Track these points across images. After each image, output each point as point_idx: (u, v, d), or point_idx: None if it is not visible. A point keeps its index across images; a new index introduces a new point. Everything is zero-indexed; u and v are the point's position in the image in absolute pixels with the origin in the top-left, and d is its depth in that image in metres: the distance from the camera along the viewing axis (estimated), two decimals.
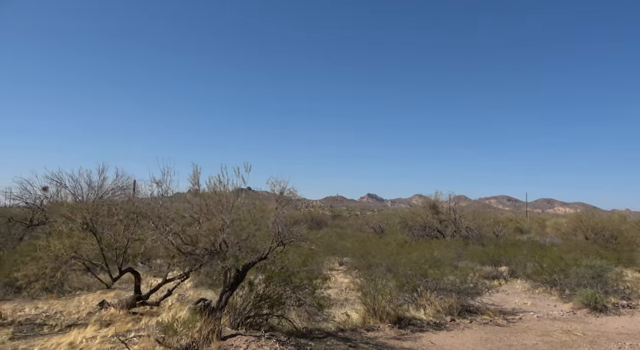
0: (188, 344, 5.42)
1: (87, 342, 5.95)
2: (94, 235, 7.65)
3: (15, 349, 5.92)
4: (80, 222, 7.70)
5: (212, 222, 4.77)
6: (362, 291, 7.83)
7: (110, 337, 6.12)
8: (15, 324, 7.51)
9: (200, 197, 5.31)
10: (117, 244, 7.75)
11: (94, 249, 7.63)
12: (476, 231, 22.66)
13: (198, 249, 5.05)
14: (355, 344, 6.48)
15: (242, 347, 5.50)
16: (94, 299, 10.30)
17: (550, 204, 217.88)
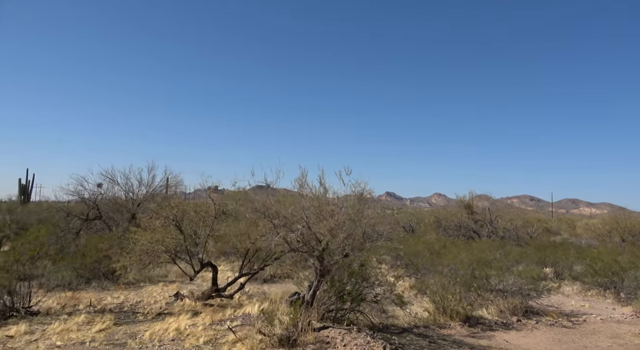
0: (285, 334, 5.78)
1: (191, 329, 6.44)
2: (180, 231, 8.17)
3: (126, 333, 6.47)
4: (171, 219, 8.22)
5: (329, 222, 5.09)
6: (430, 290, 8.03)
7: (209, 325, 6.58)
8: (107, 311, 8.12)
9: (306, 199, 5.64)
10: (198, 239, 8.25)
11: (178, 243, 8.15)
12: (513, 232, 22.34)
13: (307, 246, 5.39)
14: (433, 340, 6.70)
15: (338, 339, 5.82)
16: (163, 291, 10.93)
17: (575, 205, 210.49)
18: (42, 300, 8.41)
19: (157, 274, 14.03)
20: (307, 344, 5.74)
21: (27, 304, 7.84)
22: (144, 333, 6.45)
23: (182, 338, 6.17)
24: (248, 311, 7.47)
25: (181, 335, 6.27)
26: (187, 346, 5.77)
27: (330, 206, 5.32)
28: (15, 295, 7.65)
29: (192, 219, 8.27)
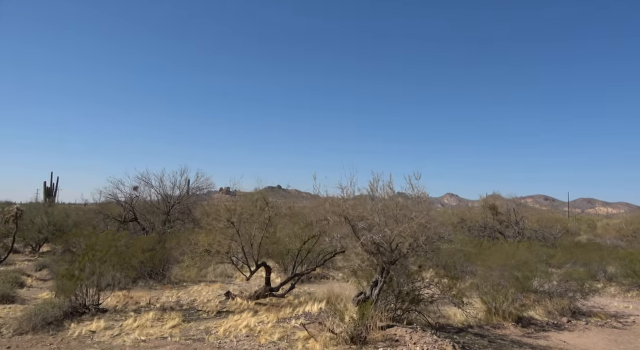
0: (355, 332, 6.04)
1: (261, 326, 6.77)
2: (237, 233, 8.53)
3: (198, 329, 6.84)
4: (227, 221, 8.59)
5: (409, 225, 5.34)
6: (481, 290, 8.19)
7: (276, 323, 6.90)
8: (168, 309, 8.52)
9: (378, 202, 5.90)
10: (252, 240, 8.59)
11: (235, 245, 8.51)
12: (540, 233, 22.18)
13: (380, 248, 5.65)
14: (492, 340, 6.87)
15: (407, 337, 6.06)
16: (210, 291, 11.32)
17: (590, 204, 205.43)
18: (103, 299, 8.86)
19: (199, 274, 14.51)
20: (376, 342, 5.99)
21: (97, 302, 8.30)
22: (217, 329, 6.80)
23: (255, 334, 6.50)
24: (308, 310, 7.77)
25: (253, 332, 6.60)
26: (263, 342, 6.08)
27: (405, 210, 5.55)
28: (86, 294, 8.11)
29: (247, 221, 8.60)
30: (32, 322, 6.80)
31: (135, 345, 6.08)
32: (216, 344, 6.07)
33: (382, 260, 5.99)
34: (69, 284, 7.96)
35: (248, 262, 8.83)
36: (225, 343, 6.13)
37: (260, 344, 6.02)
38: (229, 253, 8.45)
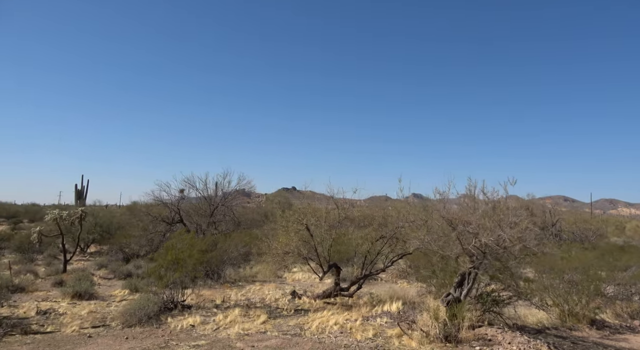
0: (448, 331, 6.31)
1: (351, 323, 7.12)
2: (311, 235, 8.93)
3: (289, 325, 7.24)
4: (303, 224, 8.99)
5: (513, 231, 5.61)
6: (554, 293, 8.32)
7: (363, 320, 7.24)
8: (243, 306, 8.97)
9: (480, 205, 6.19)
10: (323, 242, 8.98)
11: (310, 246, 8.91)
12: (578, 235, 21.88)
13: (479, 251, 5.92)
14: (575, 342, 7.03)
15: (499, 337, 6.30)
16: (272, 290, 11.77)
17: (612, 205, 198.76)
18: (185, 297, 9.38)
19: (248, 274, 15.01)
20: (470, 341, 6.25)
21: (182, 299, 8.83)
22: (308, 325, 7.19)
23: (347, 331, 6.85)
24: (386, 309, 8.09)
25: (344, 329, 6.96)
26: (360, 338, 6.43)
27: (510, 216, 5.81)
28: (173, 293, 8.65)
29: (317, 224, 8.98)
30: (137, 316, 7.34)
31: (240, 338, 6.52)
32: (315, 339, 6.45)
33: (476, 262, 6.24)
34: (159, 283, 8.52)
35: (321, 263, 9.21)
36: (323, 338, 6.50)
37: (358, 340, 6.36)
38: (302, 254, 8.84)
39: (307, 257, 9.08)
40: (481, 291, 7.30)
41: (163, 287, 8.51)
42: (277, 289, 11.95)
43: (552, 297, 8.31)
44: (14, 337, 6.62)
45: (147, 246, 17.70)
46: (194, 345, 6.18)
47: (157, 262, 9.04)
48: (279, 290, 11.66)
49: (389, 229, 9.03)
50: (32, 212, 48.80)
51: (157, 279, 8.64)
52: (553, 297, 8.34)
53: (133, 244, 17.68)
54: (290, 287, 12.66)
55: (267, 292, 11.39)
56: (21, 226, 35.07)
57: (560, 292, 8.23)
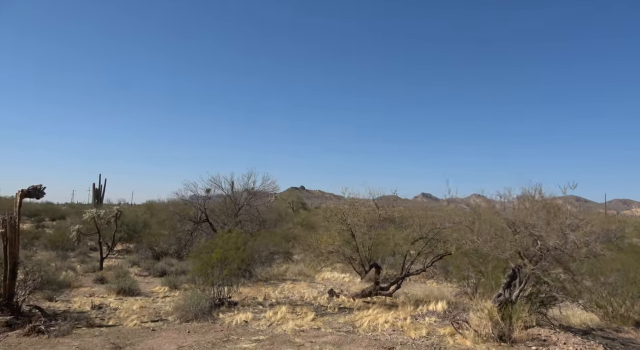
0: (501, 331, 6.43)
1: (401, 322, 7.30)
2: (352, 236, 9.13)
3: (339, 322, 7.44)
4: (346, 224, 9.20)
5: (584, 231, 5.72)
6: (597, 294, 8.36)
7: (412, 318, 7.40)
8: (288, 304, 9.20)
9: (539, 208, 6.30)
10: (364, 242, 9.17)
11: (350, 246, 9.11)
12: (602, 235, 21.59)
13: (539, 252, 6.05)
14: (624, 343, 7.08)
15: (553, 337, 6.41)
16: (303, 288, 11.98)
17: (626, 205, 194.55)
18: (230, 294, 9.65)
19: (276, 273, 15.28)
20: (524, 341, 6.36)
21: (229, 296, 9.11)
22: (359, 323, 7.39)
23: (399, 329, 7.03)
24: (432, 308, 8.24)
25: (395, 327, 7.14)
26: (414, 336, 6.60)
27: (571, 218, 5.92)
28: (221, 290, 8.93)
29: (359, 224, 9.17)
30: (193, 312, 7.62)
31: (296, 334, 6.74)
32: (370, 336, 6.64)
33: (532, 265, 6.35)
34: (207, 281, 8.81)
35: (362, 263, 9.40)
36: (378, 336, 6.69)
37: (412, 338, 6.53)
38: (346, 254, 9.05)
39: (349, 257, 9.28)
40: (529, 292, 7.39)
41: (211, 284, 8.79)
42: (311, 288, 12.16)
43: (596, 299, 8.35)
44: (81, 329, 6.96)
45: (175, 245, 18.11)
46: (255, 339, 6.42)
47: (201, 260, 9.31)
48: (313, 289, 11.87)
49: (426, 229, 9.17)
50: (51, 210, 50.09)
51: (205, 276, 8.93)
52: (597, 298, 8.37)
53: (162, 242, 18.12)
54: (321, 286, 12.88)
55: (301, 290, 11.61)
56: (43, 224, 36.14)
57: (604, 294, 8.27)
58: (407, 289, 11.91)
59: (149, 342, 6.27)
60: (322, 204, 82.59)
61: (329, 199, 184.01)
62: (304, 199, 67.75)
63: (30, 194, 7.29)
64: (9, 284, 6.95)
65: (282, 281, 13.86)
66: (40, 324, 6.62)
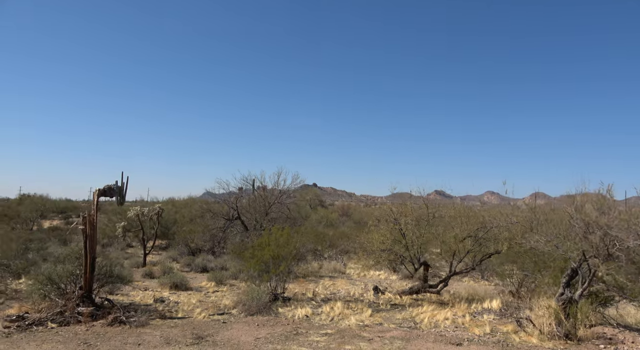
0: (566, 329, 6.52)
1: (462, 319, 7.46)
2: (403, 235, 9.32)
3: (397, 318, 7.65)
4: (398, 223, 9.41)
5: None
6: None
7: (471, 316, 7.56)
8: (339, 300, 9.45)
9: None
10: (414, 241, 9.34)
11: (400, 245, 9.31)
12: None
13: None
14: None
15: (619, 336, 6.47)
16: (344, 284, 12.23)
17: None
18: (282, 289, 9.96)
19: (313, 270, 15.57)
20: (590, 339, 6.44)
21: (282, 291, 9.42)
22: (420, 319, 7.59)
23: (461, 326, 7.19)
24: (486, 306, 8.37)
25: (456, 324, 7.30)
26: (478, 333, 6.75)
27: None
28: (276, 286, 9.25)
29: (410, 224, 9.35)
30: (255, 306, 7.96)
31: (361, 329, 6.98)
32: (434, 332, 6.82)
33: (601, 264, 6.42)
34: (264, 277, 9.14)
35: (412, 260, 9.58)
36: (442, 332, 6.87)
37: (477, 334, 6.69)
38: (399, 252, 9.24)
39: (401, 255, 9.47)
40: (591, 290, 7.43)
41: (267, 280, 9.11)
42: (351, 285, 12.40)
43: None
44: (155, 320, 7.36)
45: (210, 241, 18.61)
46: (323, 333, 6.69)
47: (255, 257, 9.63)
48: (355, 286, 12.10)
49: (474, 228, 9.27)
50: (78, 208, 51.65)
51: (260, 273, 9.25)
52: None
53: (197, 239, 18.64)
54: (360, 282, 13.10)
55: (343, 287, 11.86)
56: (70, 221, 37.43)
57: None
58: (448, 287, 12.03)
59: (225, 334, 6.60)
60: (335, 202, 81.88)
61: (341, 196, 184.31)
62: (321, 196, 67.91)
63: (105, 192, 7.72)
64: (89, 277, 7.40)
65: (320, 278, 14.14)
66: (120, 315, 7.04)
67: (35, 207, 33.14)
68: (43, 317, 6.97)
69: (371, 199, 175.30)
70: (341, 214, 46.07)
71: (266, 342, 6.17)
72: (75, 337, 6.34)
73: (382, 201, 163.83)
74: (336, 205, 65.31)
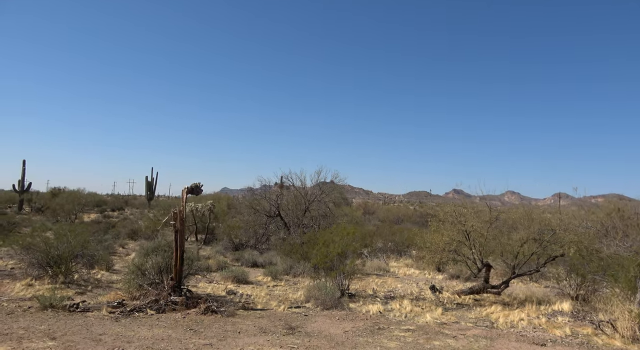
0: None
1: (536, 320, 7.59)
2: (467, 236, 9.49)
3: (470, 318, 7.85)
4: (463, 225, 9.59)
5: None
6: None
7: (546, 318, 7.68)
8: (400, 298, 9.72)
9: None
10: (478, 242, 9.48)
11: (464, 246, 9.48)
12: None
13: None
14: None
15: None
16: (396, 283, 12.48)
17: None
18: None
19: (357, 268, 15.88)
20: None
21: (347, 287, 9.77)
22: (494, 319, 7.77)
23: (538, 327, 7.33)
24: (557, 308, 8.46)
25: (533, 325, 7.44)
26: (559, 334, 6.88)
27: None
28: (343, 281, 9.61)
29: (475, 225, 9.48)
30: (330, 301, 8.33)
31: (440, 326, 7.23)
32: (515, 332, 6.99)
33: None
34: (331, 273, 9.51)
35: (475, 261, 9.73)
36: (522, 332, 7.03)
37: (559, 336, 6.82)
38: (466, 253, 9.42)
39: (465, 256, 9.64)
40: None
41: (334, 277, 9.47)
42: (402, 283, 12.62)
43: None
44: (239, 311, 7.84)
45: (253, 238, 19.22)
46: (405, 329, 6.98)
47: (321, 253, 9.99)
48: (406, 284, 12.32)
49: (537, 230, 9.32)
50: (114, 202, 53.98)
51: (326, 269, 9.63)
52: None
53: (240, 234, 19.30)
54: (408, 280, 13.32)
55: (396, 285, 12.10)
56: (108, 215, 39.08)
57: None
58: (522, 289, 12.06)
59: (313, 325, 7.00)
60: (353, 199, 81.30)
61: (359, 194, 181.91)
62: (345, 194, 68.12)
63: (192, 190, 8.26)
64: (178, 269, 7.96)
65: (366, 275, 14.42)
66: (211, 305, 7.55)
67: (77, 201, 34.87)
68: (142, 304, 7.56)
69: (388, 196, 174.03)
70: (364, 212, 46.25)
71: (355, 335, 6.52)
72: (176, 323, 6.87)
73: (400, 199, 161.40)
74: (356, 203, 65.36)
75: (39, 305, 7.46)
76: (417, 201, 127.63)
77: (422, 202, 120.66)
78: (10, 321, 6.67)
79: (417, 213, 49.49)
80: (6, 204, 39.10)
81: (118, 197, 68.34)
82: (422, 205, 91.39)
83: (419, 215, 45.78)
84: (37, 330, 6.27)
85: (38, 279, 9.60)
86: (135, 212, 44.30)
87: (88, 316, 7.10)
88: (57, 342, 5.70)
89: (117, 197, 67.93)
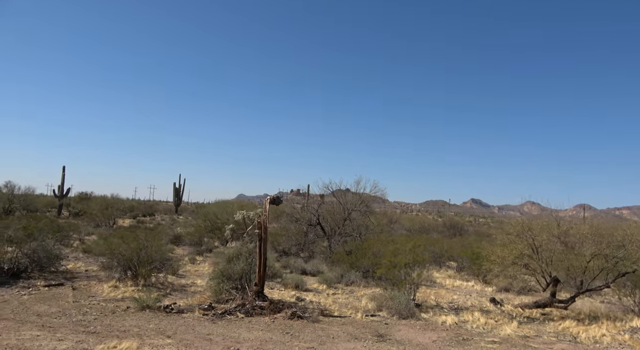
0: None
1: (619, 336, 7.60)
2: (535, 250, 9.60)
3: (545, 332, 7.93)
4: (532, 240, 9.72)
5: None
6: None
7: (630, 334, 7.68)
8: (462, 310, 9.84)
9: None
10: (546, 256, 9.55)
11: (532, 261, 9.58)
12: None
13: None
14: None
15: None
16: (451, 294, 12.56)
17: None
18: None
19: None
20: None
21: (413, 297, 9.99)
22: (575, 333, 7.82)
23: (624, 343, 7.34)
24: (634, 325, 8.41)
25: (618, 341, 7.46)
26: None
27: None
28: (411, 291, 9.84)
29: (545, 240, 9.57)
30: (404, 310, 8.58)
31: (524, 339, 7.33)
32: (601, 348, 7.04)
33: None
34: (401, 283, 9.76)
35: (544, 275, 9.79)
36: (607, 347, 7.07)
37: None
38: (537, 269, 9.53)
39: (534, 270, 9.72)
40: None
41: (403, 287, 9.71)
42: (456, 294, 12.65)
43: None
44: (320, 318, 8.18)
45: (295, 245, 19.65)
46: (490, 340, 7.14)
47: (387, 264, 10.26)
48: (461, 295, 12.36)
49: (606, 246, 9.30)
50: (142, 207, 55.58)
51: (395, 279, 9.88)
52: None
53: (283, 242, 19.77)
54: (460, 291, 13.37)
55: (452, 296, 12.17)
56: (141, 220, 40.34)
57: None
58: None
59: (399, 334, 7.26)
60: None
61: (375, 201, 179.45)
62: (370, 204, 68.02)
63: (274, 201, 8.76)
64: (262, 274, 8.41)
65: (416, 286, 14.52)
66: (297, 310, 7.94)
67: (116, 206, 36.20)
68: (231, 308, 8.03)
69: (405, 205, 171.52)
70: (388, 221, 46.03)
71: (444, 345, 6.74)
72: (269, 327, 7.27)
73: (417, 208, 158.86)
74: (376, 212, 64.95)
75: (137, 305, 8.04)
76: (435, 210, 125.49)
77: (440, 211, 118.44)
78: (119, 320, 7.24)
79: (439, 223, 48.76)
80: (45, 209, 41.00)
81: (141, 203, 70.23)
82: (440, 215, 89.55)
83: (441, 225, 45.21)
84: (148, 328, 6.80)
85: (121, 281, 10.27)
86: (165, 218, 45.63)
87: (184, 317, 7.61)
88: (173, 340, 6.19)
89: (140, 203, 69.81)
